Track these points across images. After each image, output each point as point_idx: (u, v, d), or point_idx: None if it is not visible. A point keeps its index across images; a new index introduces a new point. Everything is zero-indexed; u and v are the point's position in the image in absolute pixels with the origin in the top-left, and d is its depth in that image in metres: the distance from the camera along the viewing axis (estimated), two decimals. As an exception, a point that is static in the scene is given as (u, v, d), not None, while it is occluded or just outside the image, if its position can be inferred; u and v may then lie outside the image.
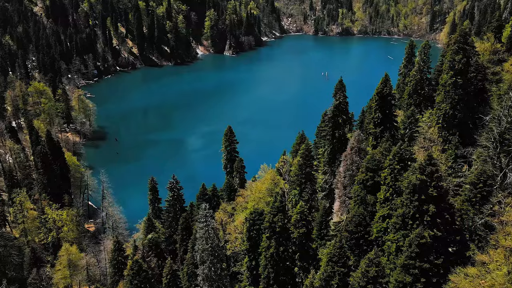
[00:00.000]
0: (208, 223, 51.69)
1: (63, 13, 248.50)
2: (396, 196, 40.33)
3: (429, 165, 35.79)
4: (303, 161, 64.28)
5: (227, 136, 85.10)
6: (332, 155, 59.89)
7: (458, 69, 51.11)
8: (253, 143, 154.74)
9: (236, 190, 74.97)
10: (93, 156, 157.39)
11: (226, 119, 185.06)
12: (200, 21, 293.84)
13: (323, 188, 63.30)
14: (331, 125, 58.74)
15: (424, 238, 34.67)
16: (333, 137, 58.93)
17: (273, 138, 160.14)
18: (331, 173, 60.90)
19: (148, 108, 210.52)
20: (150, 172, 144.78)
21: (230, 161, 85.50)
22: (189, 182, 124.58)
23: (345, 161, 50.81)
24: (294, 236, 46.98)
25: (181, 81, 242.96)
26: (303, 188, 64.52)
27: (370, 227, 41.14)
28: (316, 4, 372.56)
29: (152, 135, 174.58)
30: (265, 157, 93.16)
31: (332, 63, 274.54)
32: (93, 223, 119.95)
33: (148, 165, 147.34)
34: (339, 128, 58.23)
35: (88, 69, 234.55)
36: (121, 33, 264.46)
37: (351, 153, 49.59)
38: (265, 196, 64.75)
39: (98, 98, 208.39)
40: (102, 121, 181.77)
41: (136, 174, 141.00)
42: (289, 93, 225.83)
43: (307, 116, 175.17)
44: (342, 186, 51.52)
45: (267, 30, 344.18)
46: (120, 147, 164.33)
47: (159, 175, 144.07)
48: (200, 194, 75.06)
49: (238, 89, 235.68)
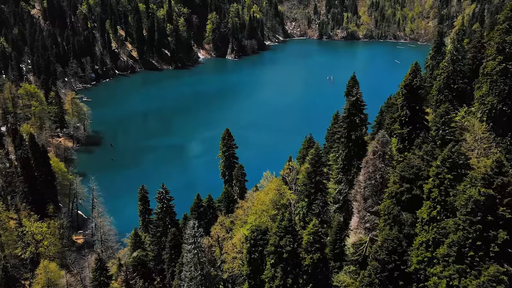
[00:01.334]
0: (197, 244, 42.56)
1: (60, 16, 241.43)
2: (447, 216, 30.84)
3: (498, 175, 26.60)
4: (312, 168, 55.16)
5: (225, 140, 76.11)
6: (347, 161, 50.79)
7: (509, 53, 42.15)
8: (255, 148, 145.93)
9: (235, 201, 65.93)
10: (86, 162, 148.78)
11: (227, 123, 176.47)
12: (202, 25, 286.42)
13: (336, 199, 54.06)
14: (346, 126, 49.71)
15: (502, 283, 24.50)
16: (348, 140, 49.88)
17: (277, 143, 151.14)
18: (346, 182, 51.74)
19: (147, 113, 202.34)
20: (146, 180, 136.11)
21: (229, 168, 76.48)
22: (188, 190, 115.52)
23: (366, 168, 41.85)
24: (306, 262, 37.73)
25: (182, 84, 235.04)
26: (312, 200, 55.37)
27: (407, 255, 31.94)
28: (321, 8, 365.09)
29: (150, 141, 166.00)
30: (268, 164, 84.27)
31: (337, 67, 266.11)
32: (82, 234, 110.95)
33: (144, 172, 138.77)
34: (355, 129, 49.20)
35: (86, 73, 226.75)
36: (121, 36, 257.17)
37: (374, 158, 40.61)
38: (268, 209, 55.60)
39: (95, 102, 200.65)
40: (97, 126, 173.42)
41: (131, 181, 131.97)
42: (294, 97, 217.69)
43: (313, 120, 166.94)
44: (362, 198, 42.49)
45: (270, 34, 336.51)
46: (115, 153, 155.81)
47: (156, 182, 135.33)
48: (195, 206, 65.97)
49: (241, 93, 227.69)
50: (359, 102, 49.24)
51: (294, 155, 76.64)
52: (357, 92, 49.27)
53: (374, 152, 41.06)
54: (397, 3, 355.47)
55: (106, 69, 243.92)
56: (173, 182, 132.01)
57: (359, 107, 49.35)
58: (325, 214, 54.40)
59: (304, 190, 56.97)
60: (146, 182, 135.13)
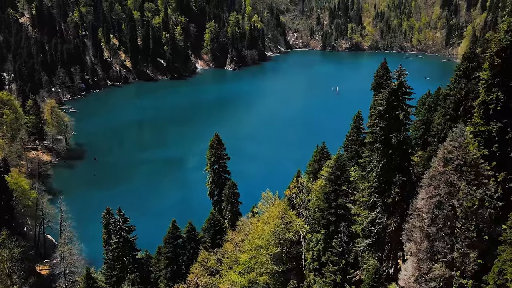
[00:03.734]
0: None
1: (50, 23, 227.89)
2: None
3: None
4: (331, 187, 38.74)
5: (214, 149, 59.91)
6: (385, 177, 34.55)
7: None
8: (254, 161, 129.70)
9: (224, 231, 49.40)
10: (64, 178, 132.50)
11: (225, 134, 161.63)
12: (200, 34, 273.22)
13: (367, 233, 37.49)
14: (384, 125, 33.63)
15: None
16: (387, 145, 33.78)
17: (280, 157, 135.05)
18: (383, 208, 35.29)
19: (139, 124, 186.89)
20: (130, 199, 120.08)
21: (218, 185, 60.08)
22: (175, 212, 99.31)
23: (433, 188, 25.68)
24: None
25: (177, 95, 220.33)
26: (331, 232, 38.74)
27: None
28: (324, 19, 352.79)
29: (139, 154, 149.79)
30: (269, 181, 68.09)
31: (342, 78, 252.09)
32: (48, 264, 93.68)
33: (129, 190, 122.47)
34: (398, 129, 33.17)
35: (75, 83, 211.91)
36: (114, 45, 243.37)
37: (447, 172, 24.46)
38: (268, 245, 38.91)
39: (82, 114, 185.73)
40: (82, 138, 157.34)
41: (113, 200, 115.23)
42: (297, 108, 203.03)
43: (320, 132, 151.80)
44: (423, 237, 26.18)
45: (272, 45, 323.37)
46: (99, 168, 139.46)
47: (142, 201, 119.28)
48: (169, 237, 49.38)
49: (240, 103, 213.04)
50: (403, 89, 33.13)
51: (303, 169, 60.16)
52: (400, 73, 33.15)
53: (446, 161, 24.85)
54: (403, 14, 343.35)
55: (97, 79, 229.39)
56: (160, 201, 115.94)
57: (403, 96, 33.23)
58: (350, 254, 37.58)
59: (319, 217, 40.44)
60: (130, 201, 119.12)
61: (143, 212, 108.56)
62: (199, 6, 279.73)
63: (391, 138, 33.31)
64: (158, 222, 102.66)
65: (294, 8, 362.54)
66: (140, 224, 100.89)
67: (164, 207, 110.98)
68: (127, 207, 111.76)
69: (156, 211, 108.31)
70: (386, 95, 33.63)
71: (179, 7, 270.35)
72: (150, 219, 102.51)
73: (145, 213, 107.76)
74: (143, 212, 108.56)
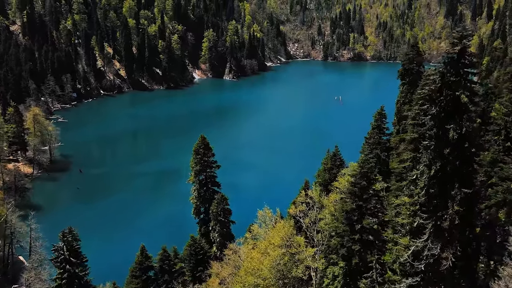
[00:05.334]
0: None
1: (42, 30, 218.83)
2: None
3: None
4: (353, 203, 27.67)
5: (200, 155, 48.73)
6: (438, 188, 23.55)
7: None
8: (252, 173, 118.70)
9: (207, 261, 38.02)
10: (46, 192, 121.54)
11: (222, 143, 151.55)
12: (197, 43, 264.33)
13: (408, 269, 26.15)
14: (436, 112, 22.69)
15: None
16: (441, 142, 22.82)
17: (281, 168, 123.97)
18: (435, 234, 24.15)
19: (131, 135, 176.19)
20: (114, 215, 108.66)
21: (205, 200, 48.79)
22: (167, 231, 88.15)
23: None
24: None
25: (173, 104, 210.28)
26: (355, 265, 27.50)
27: None
28: (325, 29, 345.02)
29: (130, 166, 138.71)
30: (269, 195, 57.02)
31: (345, 87, 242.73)
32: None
33: (115, 205, 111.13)
34: (459, 118, 22.28)
35: (65, 92, 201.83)
36: (108, 53, 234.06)
37: None
38: (269, 284, 27.46)
39: (72, 124, 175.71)
40: (69, 149, 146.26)
41: (95, 216, 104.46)
42: (299, 117, 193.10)
43: (325, 143, 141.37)
44: None
45: (272, 55, 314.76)
46: (84, 181, 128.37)
47: (128, 219, 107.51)
48: (137, 268, 38.13)
49: (239, 113, 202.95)
50: (467, 58, 22.36)
51: (311, 179, 48.96)
52: (463, 35, 22.29)
53: None
54: (406, 24, 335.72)
55: (90, 89, 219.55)
56: (148, 219, 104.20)
57: (466, 68, 22.40)
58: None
59: (337, 245, 29.19)
60: (114, 218, 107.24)
61: (126, 231, 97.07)
62: (197, 14, 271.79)
63: (448, 132, 22.45)
64: (142, 242, 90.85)
65: (295, 18, 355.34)
66: (120, 246, 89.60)
67: (151, 225, 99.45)
68: (109, 224, 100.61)
69: (142, 229, 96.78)
70: (441, 68, 22.97)
71: (176, 16, 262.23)
72: (133, 239, 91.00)
73: (128, 232, 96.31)
74: (127, 231, 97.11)
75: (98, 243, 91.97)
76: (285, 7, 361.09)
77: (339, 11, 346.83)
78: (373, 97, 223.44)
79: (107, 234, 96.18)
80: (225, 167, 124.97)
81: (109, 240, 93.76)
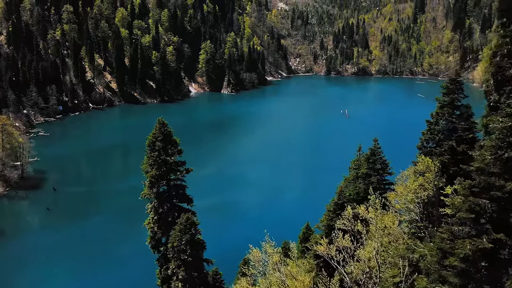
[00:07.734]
0: None
1: (28, 40, 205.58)
2: None
3: None
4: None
5: (156, 151, 30.13)
6: None
7: None
8: (250, 189, 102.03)
9: None
10: (9, 213, 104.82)
11: (217, 160, 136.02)
12: (194, 56, 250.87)
13: None
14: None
15: None
16: None
17: (286, 186, 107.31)
18: None
19: (118, 149, 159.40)
20: (87, 240, 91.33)
21: (168, 224, 30.68)
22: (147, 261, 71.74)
23: None
24: None
25: (165, 119, 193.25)
26: None
27: None
28: (328, 43, 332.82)
29: (112, 184, 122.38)
30: (269, 220, 40.47)
31: (350, 101, 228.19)
32: None
33: (90, 230, 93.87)
34: None
35: (49, 104, 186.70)
36: (98, 65, 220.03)
37: None
38: None
39: (53, 138, 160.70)
40: (46, 165, 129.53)
41: (64, 242, 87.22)
42: (305, 131, 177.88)
43: (334, 158, 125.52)
44: None
45: (273, 69, 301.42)
46: (57, 200, 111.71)
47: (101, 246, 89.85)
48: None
49: (238, 126, 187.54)
50: None
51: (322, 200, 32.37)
52: None
53: None
54: (411, 37, 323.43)
55: (78, 102, 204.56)
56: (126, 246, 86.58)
57: None
58: None
59: None
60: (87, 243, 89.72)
61: (99, 262, 79.74)
62: (194, 26, 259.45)
63: None
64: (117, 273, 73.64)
65: (296, 33, 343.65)
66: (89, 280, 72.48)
67: (129, 253, 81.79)
68: (80, 253, 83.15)
69: (119, 259, 79.52)
70: None
71: (172, 27, 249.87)
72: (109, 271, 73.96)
73: (102, 263, 79.05)
74: (100, 262, 79.83)
75: (63, 275, 74.92)
76: (286, 21, 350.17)
77: (341, 26, 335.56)
78: (381, 110, 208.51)
79: (77, 264, 78.98)
80: (218, 184, 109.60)
81: (78, 272, 76.42)
